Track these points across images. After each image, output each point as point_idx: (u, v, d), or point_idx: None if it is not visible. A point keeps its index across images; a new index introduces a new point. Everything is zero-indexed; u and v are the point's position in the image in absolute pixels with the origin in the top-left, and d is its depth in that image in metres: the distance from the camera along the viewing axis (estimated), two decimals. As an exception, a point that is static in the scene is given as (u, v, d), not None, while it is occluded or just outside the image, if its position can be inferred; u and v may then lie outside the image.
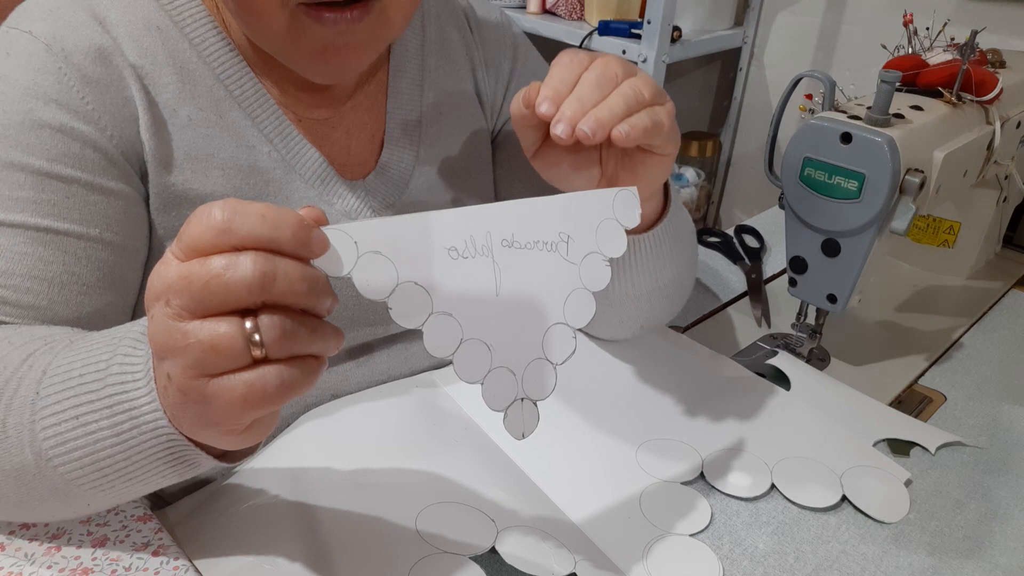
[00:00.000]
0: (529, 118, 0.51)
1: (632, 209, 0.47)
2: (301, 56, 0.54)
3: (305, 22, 0.50)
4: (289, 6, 0.49)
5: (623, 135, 0.47)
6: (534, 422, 0.43)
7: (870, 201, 0.63)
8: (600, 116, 0.47)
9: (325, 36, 0.51)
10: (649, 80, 0.51)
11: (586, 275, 0.44)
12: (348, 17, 0.50)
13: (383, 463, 0.57)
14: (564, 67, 0.50)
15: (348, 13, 0.50)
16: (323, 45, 0.52)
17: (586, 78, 0.49)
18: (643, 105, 0.49)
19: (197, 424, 0.38)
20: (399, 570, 0.49)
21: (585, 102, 0.48)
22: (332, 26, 0.50)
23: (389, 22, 0.54)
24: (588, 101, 0.48)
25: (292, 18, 0.50)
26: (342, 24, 0.51)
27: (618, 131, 0.47)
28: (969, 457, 0.65)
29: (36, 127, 0.50)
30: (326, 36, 0.51)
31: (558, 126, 0.47)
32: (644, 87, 0.50)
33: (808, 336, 0.77)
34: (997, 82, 0.73)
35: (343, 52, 0.53)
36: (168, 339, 0.34)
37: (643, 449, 0.62)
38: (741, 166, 1.88)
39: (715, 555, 0.53)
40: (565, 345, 0.44)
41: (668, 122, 0.50)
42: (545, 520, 0.54)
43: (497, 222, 0.40)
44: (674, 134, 0.52)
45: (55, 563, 0.48)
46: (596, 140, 0.47)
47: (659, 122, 0.49)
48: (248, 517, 0.52)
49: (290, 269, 0.34)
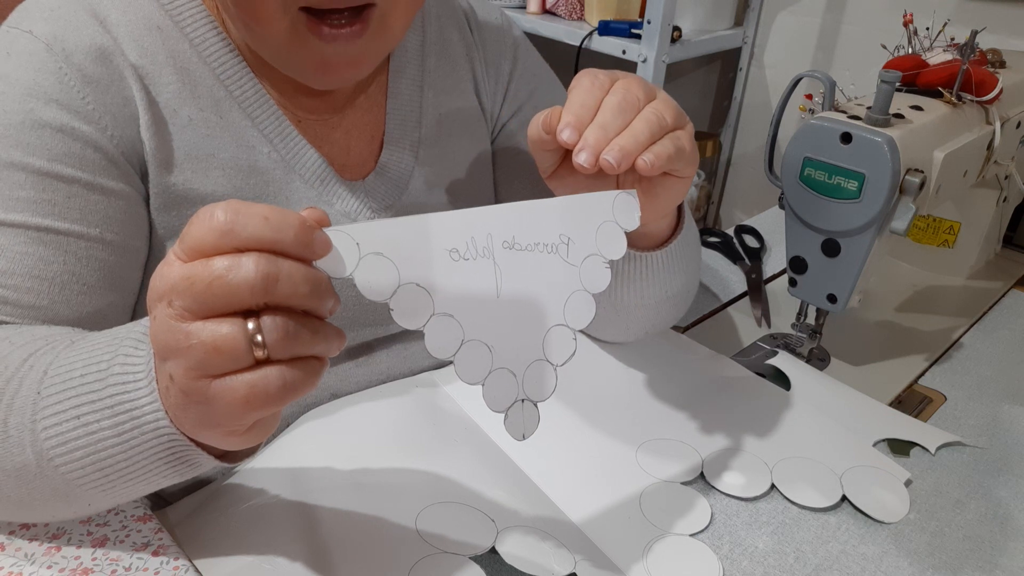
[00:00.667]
0: (548, 143, 0.49)
1: (632, 212, 0.47)
2: (300, 66, 0.54)
3: (305, 34, 0.50)
4: (290, 12, 0.49)
5: (648, 165, 0.46)
6: (534, 423, 0.43)
7: (870, 201, 0.63)
8: (625, 145, 0.46)
9: (325, 51, 0.51)
10: (670, 102, 0.50)
11: (586, 277, 0.44)
12: (347, 33, 0.50)
13: (383, 463, 0.57)
14: (585, 91, 0.48)
15: (347, 28, 0.50)
16: (322, 59, 0.52)
17: (608, 103, 0.48)
18: (666, 131, 0.48)
19: (199, 425, 0.38)
20: (399, 570, 0.49)
21: (608, 130, 0.47)
22: (331, 42, 0.51)
23: (389, 31, 0.54)
24: (611, 128, 0.47)
25: (292, 26, 0.50)
26: (341, 41, 0.51)
27: (642, 160, 0.46)
28: (969, 457, 0.65)
29: (37, 127, 0.50)
30: (326, 51, 0.51)
31: (580, 155, 0.46)
32: (666, 111, 0.49)
33: (808, 336, 0.77)
34: (997, 82, 0.73)
35: (342, 67, 0.53)
36: (170, 340, 0.34)
37: (643, 449, 0.62)
38: (741, 166, 1.88)
39: (715, 555, 0.53)
40: (565, 346, 0.44)
41: (689, 145, 0.50)
42: (545, 520, 0.54)
43: (498, 224, 0.40)
44: (694, 156, 0.51)
45: (55, 563, 0.48)
46: (621, 170, 0.46)
47: (681, 147, 0.48)
48: (248, 517, 0.52)
49: (293, 271, 0.34)
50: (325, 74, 0.54)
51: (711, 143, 1.82)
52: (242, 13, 0.51)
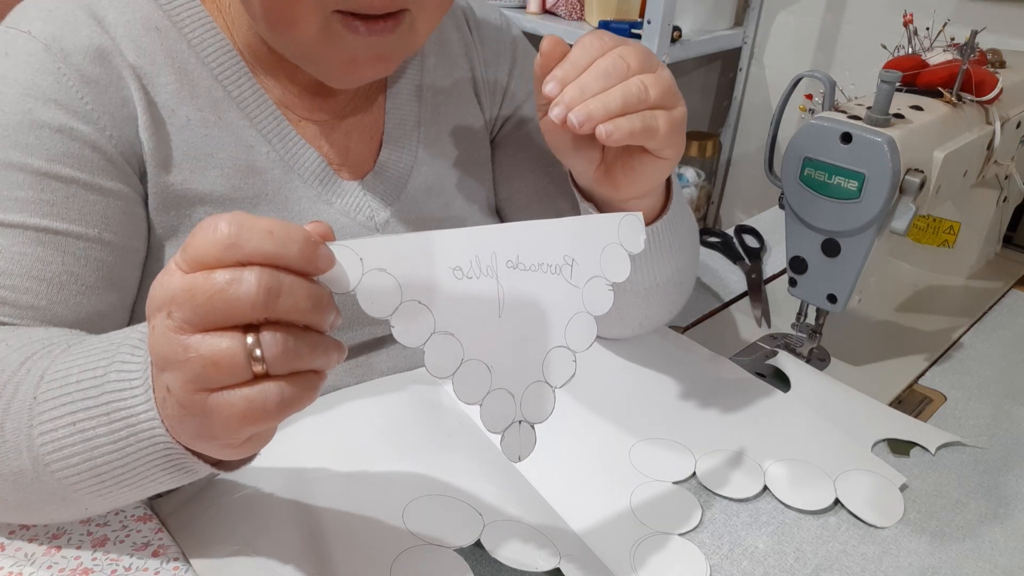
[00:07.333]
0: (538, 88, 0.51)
1: (637, 235, 0.46)
2: (329, 64, 0.54)
3: (338, 31, 0.50)
4: (324, 13, 0.49)
5: (604, 134, 0.47)
6: (531, 445, 0.43)
7: (870, 201, 0.63)
8: (592, 110, 0.47)
9: (357, 46, 0.51)
10: (662, 80, 0.50)
11: (589, 299, 0.44)
12: (380, 28, 0.50)
13: (375, 456, 0.57)
14: (583, 50, 0.50)
15: (381, 24, 0.50)
16: (353, 55, 0.52)
17: (597, 65, 0.49)
18: (645, 105, 0.49)
19: (195, 436, 0.38)
20: (383, 560, 0.49)
21: (585, 91, 0.48)
22: (366, 37, 0.51)
23: (416, 34, 0.54)
24: (588, 90, 0.48)
25: (325, 26, 0.50)
26: (375, 36, 0.51)
27: (600, 128, 0.47)
28: (969, 457, 0.65)
29: (35, 127, 0.50)
30: (358, 46, 0.51)
31: (554, 109, 0.48)
32: (653, 86, 0.49)
33: (808, 336, 0.77)
34: (997, 82, 0.73)
35: (371, 62, 0.53)
36: (169, 352, 0.34)
37: (636, 448, 0.62)
38: (741, 166, 1.88)
39: (702, 554, 0.53)
40: (565, 368, 0.44)
41: (666, 127, 0.50)
42: (532, 515, 0.54)
43: (502, 243, 0.40)
44: (674, 139, 0.51)
45: (55, 563, 0.48)
46: (583, 131, 0.47)
47: (652, 127, 0.49)
48: (239, 507, 0.52)
49: (295, 286, 0.34)
50: (353, 71, 0.54)
51: (711, 143, 1.82)
52: (271, 16, 0.51)
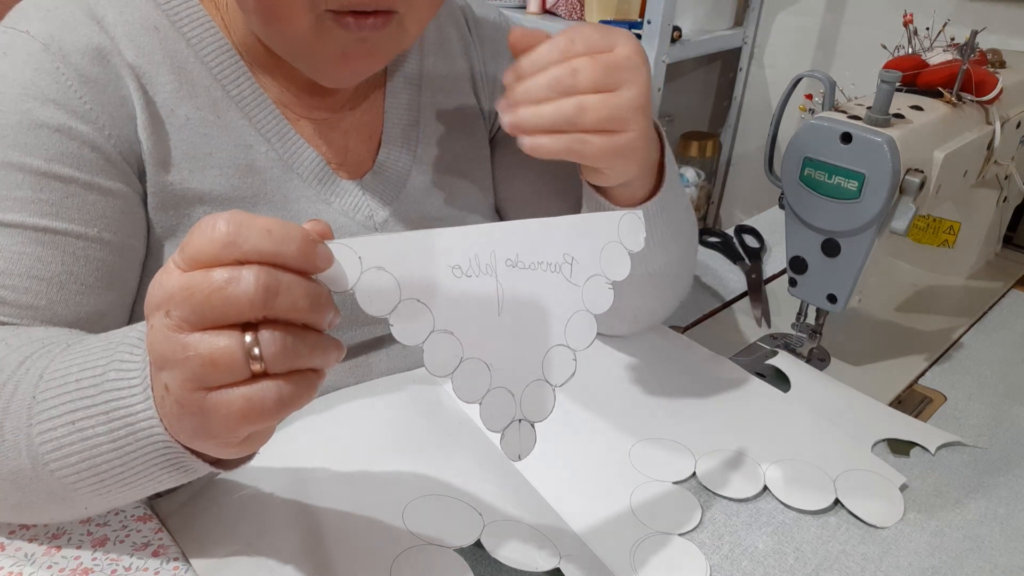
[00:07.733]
0: None
1: (637, 233, 0.46)
2: (320, 60, 0.54)
3: (330, 27, 0.51)
4: (317, 11, 0.50)
5: (528, 146, 0.50)
6: (531, 444, 0.43)
7: (870, 201, 0.63)
8: (523, 117, 0.50)
9: (347, 41, 0.52)
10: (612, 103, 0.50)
11: (588, 297, 0.44)
12: (370, 23, 0.51)
13: (375, 456, 0.57)
14: (549, 48, 0.51)
15: (371, 19, 0.51)
16: (343, 50, 0.52)
17: (549, 72, 0.50)
18: (575, 128, 0.50)
19: (194, 435, 0.37)
20: (383, 560, 0.48)
21: (528, 95, 0.50)
22: (356, 32, 0.51)
23: (405, 32, 0.54)
24: (530, 96, 0.50)
25: (317, 22, 0.50)
26: (365, 31, 0.51)
27: (525, 140, 0.50)
28: (969, 457, 0.65)
29: (34, 127, 0.50)
30: (348, 41, 0.52)
31: (500, 102, 0.51)
32: (596, 110, 0.49)
33: (808, 336, 0.77)
34: (997, 82, 0.73)
35: (361, 57, 0.54)
36: (167, 350, 0.34)
37: (636, 448, 0.62)
38: (741, 166, 1.88)
39: (702, 554, 0.53)
40: (565, 367, 0.44)
41: (596, 152, 0.51)
42: (533, 515, 0.54)
43: (502, 241, 0.40)
44: (610, 162, 0.53)
45: (55, 563, 0.48)
46: (512, 134, 0.50)
47: (578, 151, 0.51)
48: (239, 507, 0.52)
49: (293, 285, 0.34)
50: (343, 67, 0.54)
51: (711, 143, 1.82)
52: (264, 13, 0.51)
